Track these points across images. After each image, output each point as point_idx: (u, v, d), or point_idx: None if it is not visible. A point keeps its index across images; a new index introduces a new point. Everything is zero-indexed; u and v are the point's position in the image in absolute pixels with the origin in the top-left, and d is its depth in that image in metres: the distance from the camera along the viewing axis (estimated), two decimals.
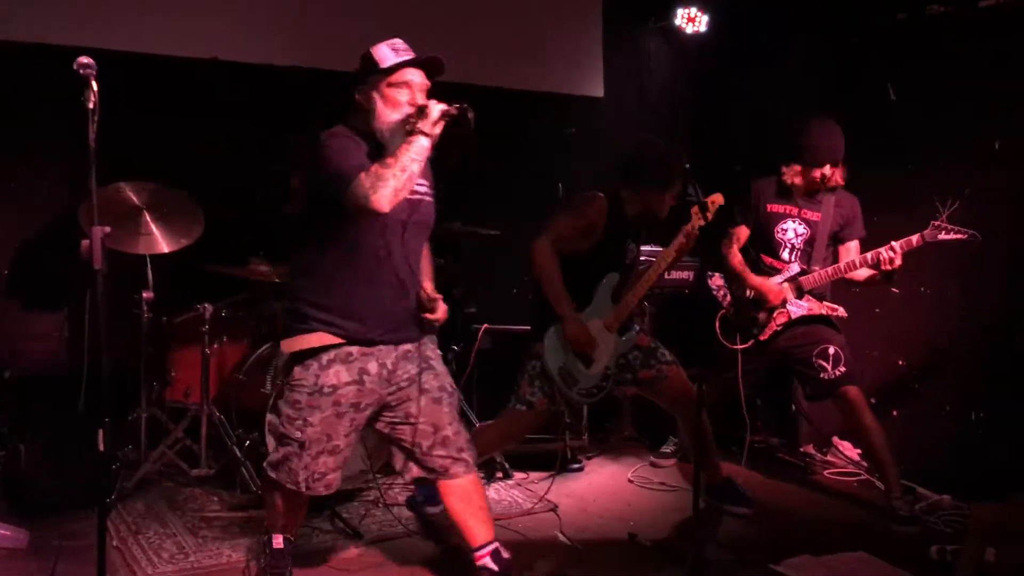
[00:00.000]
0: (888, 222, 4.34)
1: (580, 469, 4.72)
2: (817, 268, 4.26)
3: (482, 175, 5.55)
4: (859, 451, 4.84)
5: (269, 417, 3.64)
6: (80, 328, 4.20)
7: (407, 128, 2.72)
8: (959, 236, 3.85)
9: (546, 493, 4.14)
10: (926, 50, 4.56)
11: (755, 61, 5.33)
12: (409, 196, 2.80)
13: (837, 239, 4.30)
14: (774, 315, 4.31)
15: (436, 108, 2.72)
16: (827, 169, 4.17)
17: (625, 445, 5.14)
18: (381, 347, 2.89)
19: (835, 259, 4.31)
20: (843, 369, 4.15)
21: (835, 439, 5.00)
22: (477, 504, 3.09)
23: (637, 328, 3.99)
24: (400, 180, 2.63)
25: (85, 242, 2.49)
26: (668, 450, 4.89)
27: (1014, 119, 4.17)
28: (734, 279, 4.43)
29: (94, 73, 2.43)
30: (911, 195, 4.47)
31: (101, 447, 2.42)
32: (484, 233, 4.82)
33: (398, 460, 3.10)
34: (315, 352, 2.84)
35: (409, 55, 2.85)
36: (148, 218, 4.09)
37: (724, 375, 4.37)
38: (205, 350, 4.15)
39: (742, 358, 4.33)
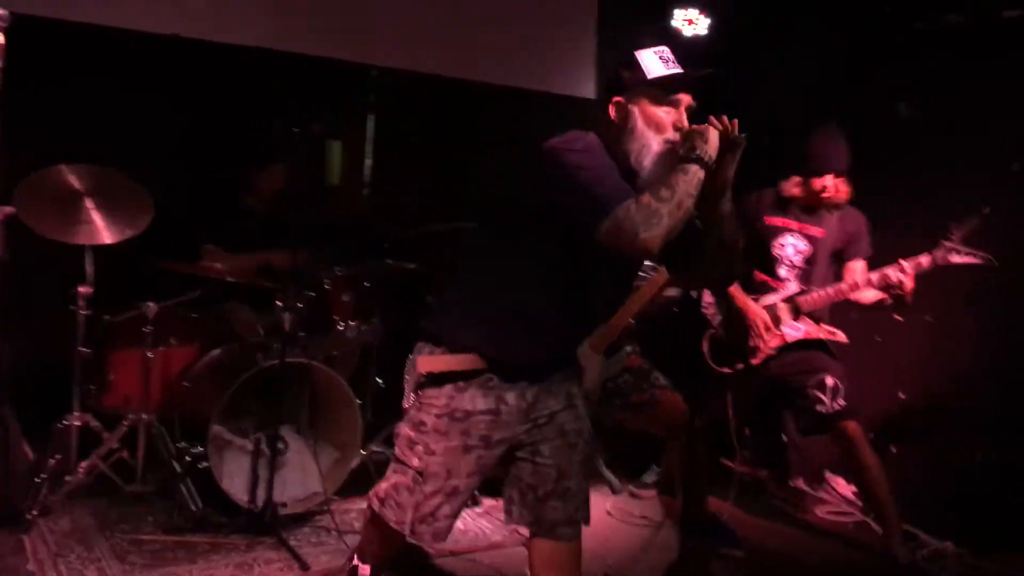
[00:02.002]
0: (895, 242, 4.03)
1: None
2: (816, 288, 3.94)
3: (465, 173, 5.26)
4: (853, 488, 4.52)
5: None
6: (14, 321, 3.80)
7: (683, 154, 2.26)
8: (972, 260, 3.55)
9: None
10: (944, 61, 4.26)
11: (758, 68, 5.01)
12: None
13: (841, 258, 3.99)
14: (767, 338, 3.98)
15: (714, 131, 2.28)
16: (828, 180, 3.86)
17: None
18: (524, 379, 2.45)
19: (837, 279, 3.99)
20: (842, 402, 3.83)
21: (827, 474, 4.68)
22: None
23: (628, 349, 3.65)
24: (675, 218, 2.17)
25: None
26: (649, 480, 4.54)
27: None
28: (723, 297, 4.10)
29: (5, 26, 2.06)
30: (922, 214, 4.17)
31: None
32: (457, 227, 4.46)
33: (505, 499, 2.56)
34: (455, 375, 2.42)
35: (678, 68, 2.37)
36: (90, 205, 3.69)
37: (712, 401, 4.05)
38: (147, 353, 3.77)
39: (732, 384, 4.01)
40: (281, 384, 3.65)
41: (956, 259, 3.55)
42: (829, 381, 3.84)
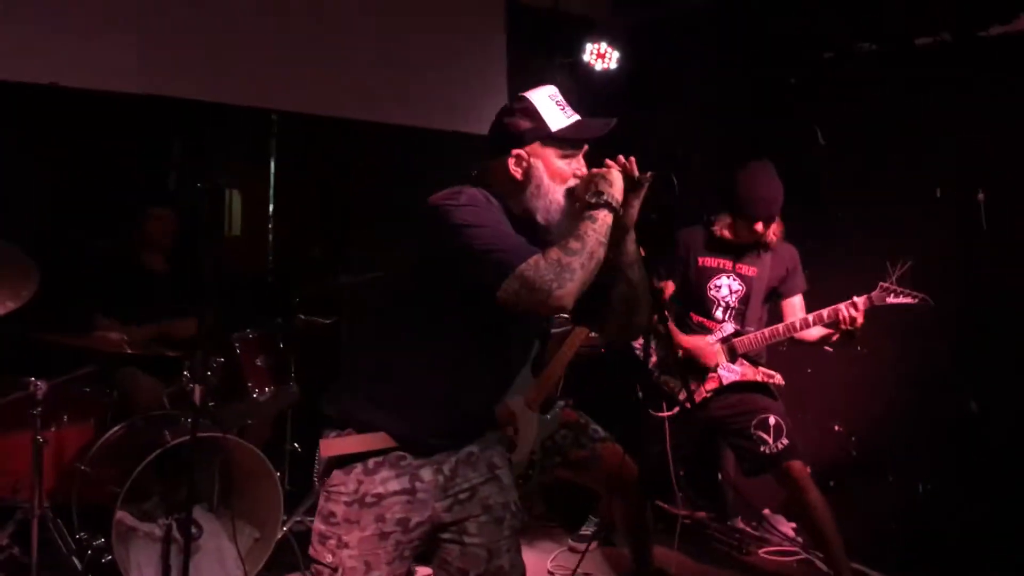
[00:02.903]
0: (819, 276, 3.98)
1: None
2: (752, 328, 3.84)
3: (376, 220, 5.02)
4: (793, 525, 4.45)
5: None
6: None
7: (590, 200, 2.09)
8: (908, 300, 3.51)
9: None
10: (857, 91, 4.26)
11: (671, 101, 4.96)
12: None
13: (776, 294, 3.90)
14: (704, 380, 3.87)
15: (616, 173, 2.11)
16: (759, 226, 3.76)
17: (538, 525, 4.56)
18: (440, 452, 2.24)
19: (773, 317, 3.90)
20: (785, 441, 3.72)
21: (767, 512, 4.59)
22: None
23: (561, 403, 3.46)
24: (588, 270, 2.02)
25: None
26: (587, 531, 4.35)
27: (956, 165, 3.88)
28: (661, 339, 3.96)
29: None
30: (845, 247, 4.15)
31: None
32: (375, 278, 4.22)
33: None
34: (362, 455, 2.19)
35: (575, 115, 2.20)
36: None
37: (650, 446, 3.90)
38: (37, 436, 3.39)
39: (669, 428, 3.87)
40: (191, 461, 3.32)
41: (893, 300, 3.51)
42: (771, 420, 3.74)
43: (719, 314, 3.88)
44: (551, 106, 2.19)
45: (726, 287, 3.88)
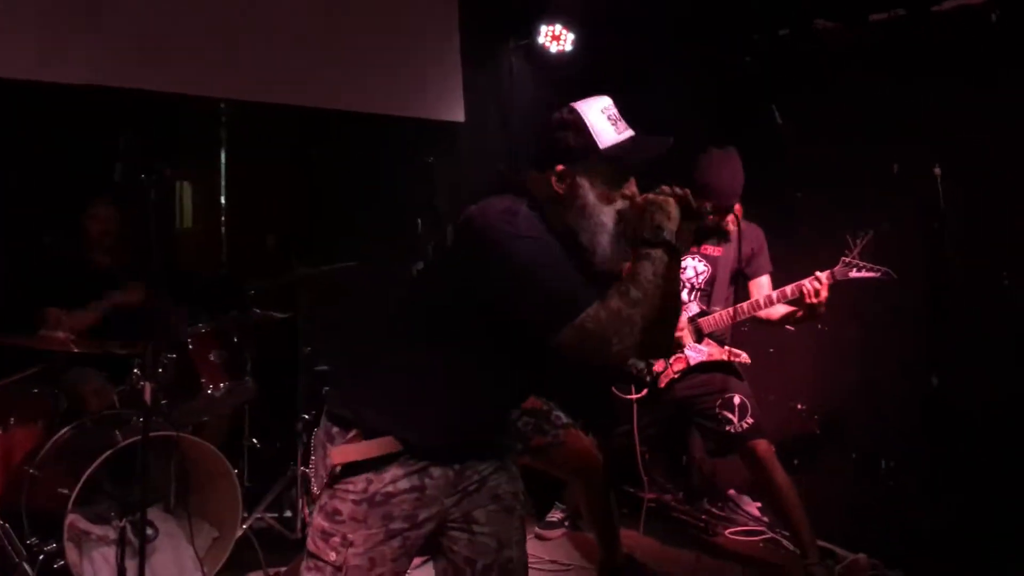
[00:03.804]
0: (782, 257, 3.96)
1: None
2: (718, 308, 3.82)
3: (329, 209, 4.94)
4: (759, 504, 4.45)
5: None
6: None
7: (647, 236, 1.99)
8: (871, 274, 3.49)
9: None
10: (813, 68, 4.24)
11: (628, 83, 4.88)
12: None
13: (743, 275, 3.87)
14: (671, 361, 3.84)
15: (674, 204, 2.02)
16: (712, 218, 3.72)
17: None
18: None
19: (739, 299, 3.88)
20: (750, 421, 3.71)
21: (732, 492, 4.59)
22: None
23: None
24: (647, 319, 1.94)
25: None
26: (554, 518, 4.32)
27: (912, 140, 3.87)
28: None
29: None
30: (807, 226, 4.14)
31: None
32: (333, 269, 4.15)
33: (437, 574, 2.27)
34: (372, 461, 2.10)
35: (629, 129, 2.09)
36: None
37: (618, 430, 3.87)
38: None
39: (637, 410, 3.84)
40: (144, 461, 3.23)
41: (856, 274, 3.49)
42: (736, 400, 3.72)
43: (684, 295, 3.85)
44: (602, 120, 2.09)
45: (691, 268, 3.85)
